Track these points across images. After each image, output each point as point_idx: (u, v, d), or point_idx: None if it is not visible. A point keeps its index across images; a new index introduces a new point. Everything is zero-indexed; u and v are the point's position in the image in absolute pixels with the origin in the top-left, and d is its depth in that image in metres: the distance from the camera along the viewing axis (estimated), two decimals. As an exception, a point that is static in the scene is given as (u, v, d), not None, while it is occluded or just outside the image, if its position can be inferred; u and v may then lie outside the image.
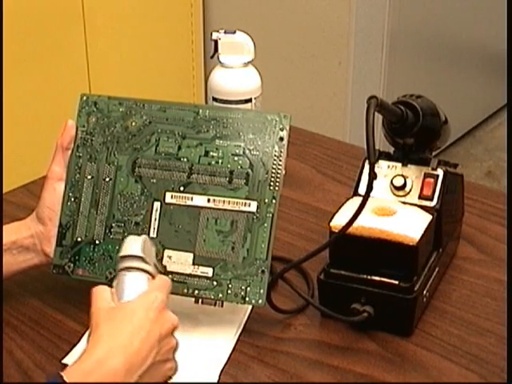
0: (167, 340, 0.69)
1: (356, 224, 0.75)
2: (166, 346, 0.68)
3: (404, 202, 0.84)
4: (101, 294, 0.69)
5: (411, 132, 0.84)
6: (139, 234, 0.80)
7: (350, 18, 1.83)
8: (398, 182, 0.85)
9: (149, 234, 0.81)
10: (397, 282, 0.79)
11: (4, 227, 0.81)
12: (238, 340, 0.79)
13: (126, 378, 0.65)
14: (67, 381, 0.62)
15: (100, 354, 0.64)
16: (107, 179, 0.83)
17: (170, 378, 0.70)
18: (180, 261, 0.79)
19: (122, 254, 0.72)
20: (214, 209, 0.80)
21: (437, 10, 2.09)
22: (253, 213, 0.79)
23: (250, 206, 0.79)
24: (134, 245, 0.72)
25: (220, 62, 1.03)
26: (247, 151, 0.81)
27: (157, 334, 0.67)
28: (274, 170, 0.80)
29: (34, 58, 1.70)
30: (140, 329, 0.67)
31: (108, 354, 0.64)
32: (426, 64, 2.11)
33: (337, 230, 0.78)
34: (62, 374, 0.63)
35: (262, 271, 0.78)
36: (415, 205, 0.84)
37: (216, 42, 1.02)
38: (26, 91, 1.70)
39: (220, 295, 0.78)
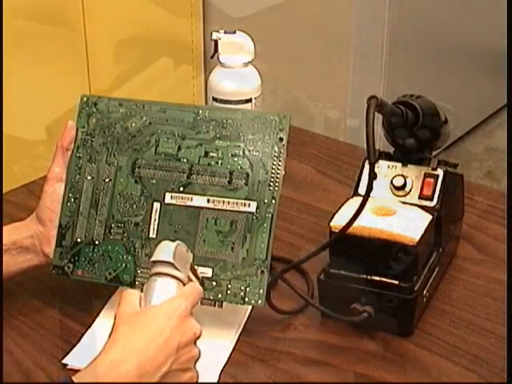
0: (187, 349, 0.67)
1: (356, 224, 0.75)
2: (185, 355, 0.67)
3: (404, 202, 0.84)
4: (128, 298, 0.68)
5: (411, 132, 0.84)
6: (139, 235, 0.81)
7: (351, 18, 1.83)
8: (398, 182, 0.85)
9: (148, 235, 0.81)
10: (397, 282, 0.79)
11: (4, 228, 0.81)
12: (237, 340, 0.79)
13: (142, 380, 0.64)
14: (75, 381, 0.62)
15: (113, 357, 0.64)
16: (107, 180, 0.83)
17: None
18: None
19: (153, 258, 0.71)
20: (213, 209, 0.80)
21: (437, 10, 2.09)
22: (252, 213, 0.79)
23: (249, 206, 0.79)
24: (165, 250, 0.71)
25: (220, 62, 1.03)
26: (247, 152, 0.81)
27: (176, 342, 0.66)
28: (273, 171, 0.80)
29: (34, 58, 1.70)
30: (158, 335, 0.65)
31: (121, 358, 0.64)
32: (426, 64, 2.11)
33: (337, 230, 0.78)
34: (73, 376, 0.62)
35: (262, 271, 0.78)
36: (415, 205, 0.84)
37: (216, 41, 1.02)
38: (26, 92, 1.70)
39: (219, 296, 0.78)
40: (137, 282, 0.80)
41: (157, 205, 0.81)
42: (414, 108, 0.83)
